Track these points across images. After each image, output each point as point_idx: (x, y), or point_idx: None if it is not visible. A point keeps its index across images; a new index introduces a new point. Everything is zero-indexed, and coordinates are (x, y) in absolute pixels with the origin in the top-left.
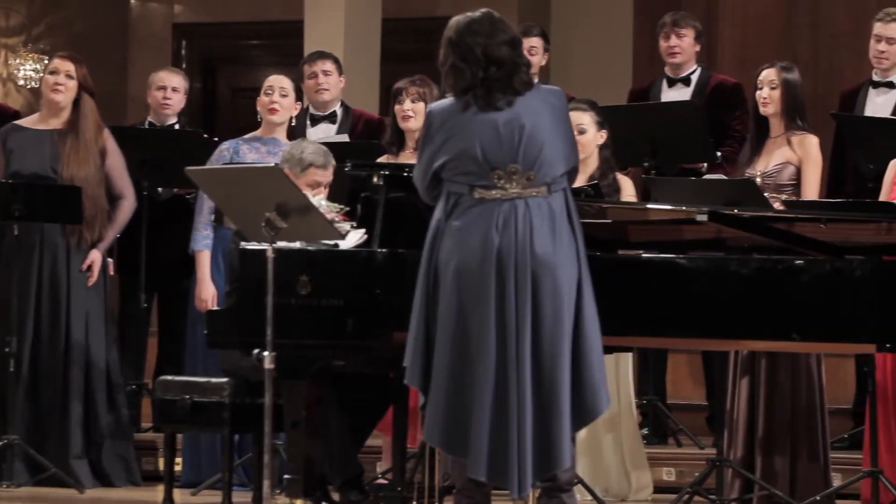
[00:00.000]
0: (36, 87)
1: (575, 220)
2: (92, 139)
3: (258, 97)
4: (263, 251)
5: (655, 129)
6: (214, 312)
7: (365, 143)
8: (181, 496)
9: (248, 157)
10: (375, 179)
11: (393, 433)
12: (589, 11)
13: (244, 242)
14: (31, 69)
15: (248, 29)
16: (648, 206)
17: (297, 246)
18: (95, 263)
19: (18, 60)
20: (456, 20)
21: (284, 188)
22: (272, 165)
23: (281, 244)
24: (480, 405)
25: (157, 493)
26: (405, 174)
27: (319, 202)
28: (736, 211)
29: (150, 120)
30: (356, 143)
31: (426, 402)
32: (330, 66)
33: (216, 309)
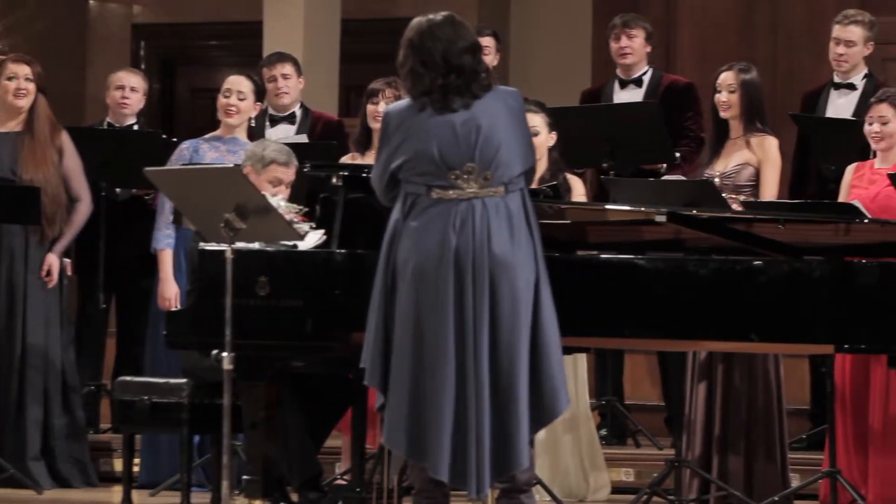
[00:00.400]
0: None
1: (532, 220)
2: (48, 138)
3: (218, 97)
4: (222, 252)
5: (614, 129)
6: (174, 313)
7: (324, 144)
8: (139, 497)
9: (208, 155)
10: (334, 180)
11: (352, 434)
12: (548, 12)
13: (203, 243)
14: None
15: (206, 29)
16: (607, 206)
17: (255, 247)
18: (53, 267)
19: None
20: (417, 22)
21: (243, 189)
22: (231, 166)
23: (240, 245)
24: (440, 406)
25: (114, 493)
26: (364, 175)
27: (278, 203)
28: (695, 212)
29: (108, 120)
30: (315, 143)
31: (385, 403)
32: (289, 69)
33: (175, 309)
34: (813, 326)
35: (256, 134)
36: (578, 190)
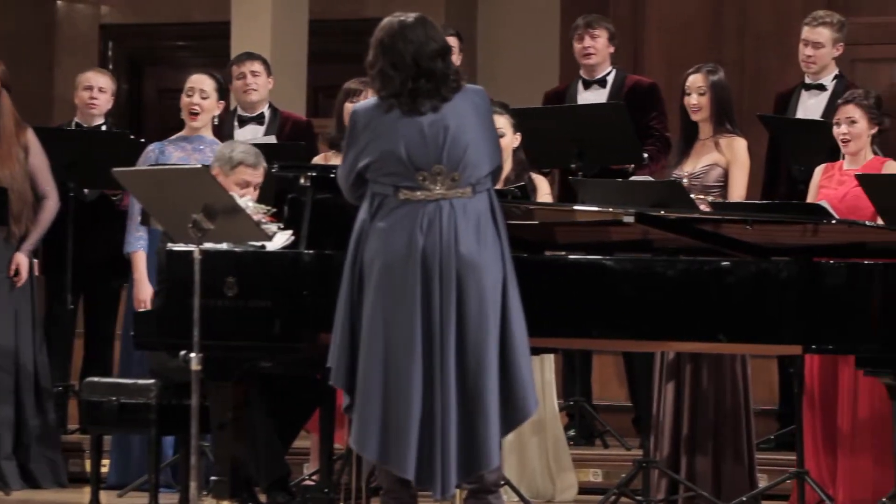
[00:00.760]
0: None
1: (500, 220)
2: (13, 135)
3: (181, 97)
4: (190, 252)
5: (582, 130)
6: (142, 314)
7: (292, 144)
8: (108, 498)
9: (174, 156)
10: (302, 181)
11: (320, 434)
12: (516, 11)
13: (171, 243)
14: None
15: (174, 30)
16: (575, 207)
17: (223, 247)
18: (22, 266)
19: None
20: (389, 22)
21: (211, 189)
22: (199, 167)
23: (208, 245)
24: (408, 406)
25: (83, 494)
26: (332, 175)
27: (246, 203)
28: (663, 212)
29: (76, 121)
30: (283, 144)
31: (352, 404)
32: (259, 67)
33: (143, 310)
34: (781, 327)
35: (224, 135)
36: (544, 189)
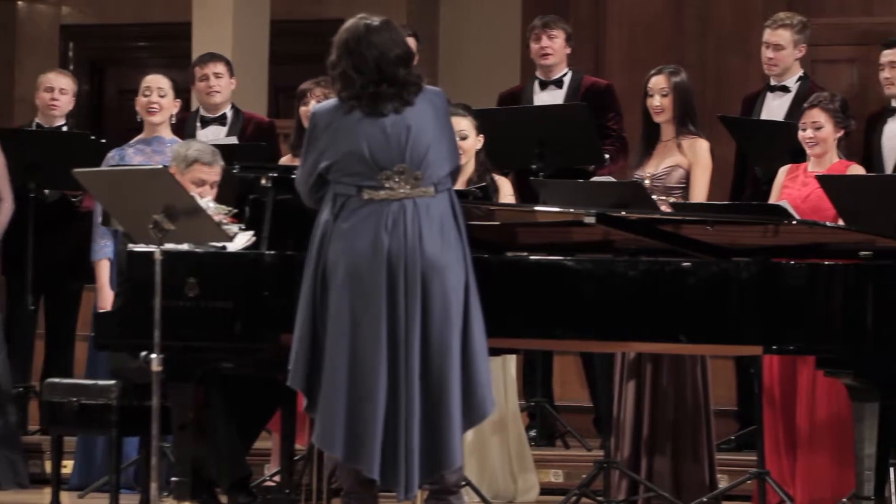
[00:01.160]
0: None
1: (460, 220)
2: None
3: (137, 98)
4: (151, 253)
5: (544, 131)
6: (102, 315)
7: (253, 145)
8: (69, 499)
9: (134, 160)
10: (263, 182)
11: (281, 435)
12: (477, 13)
13: (131, 244)
14: None
15: (135, 31)
16: (537, 208)
17: (184, 248)
18: None
19: None
20: (354, 24)
21: (171, 190)
22: (159, 167)
23: (169, 246)
24: (374, 407)
25: (44, 495)
26: (293, 176)
27: (207, 204)
28: (624, 213)
29: (37, 121)
30: (245, 145)
31: (312, 404)
32: (221, 68)
33: (104, 311)
34: (741, 327)
35: (187, 136)
36: (506, 190)
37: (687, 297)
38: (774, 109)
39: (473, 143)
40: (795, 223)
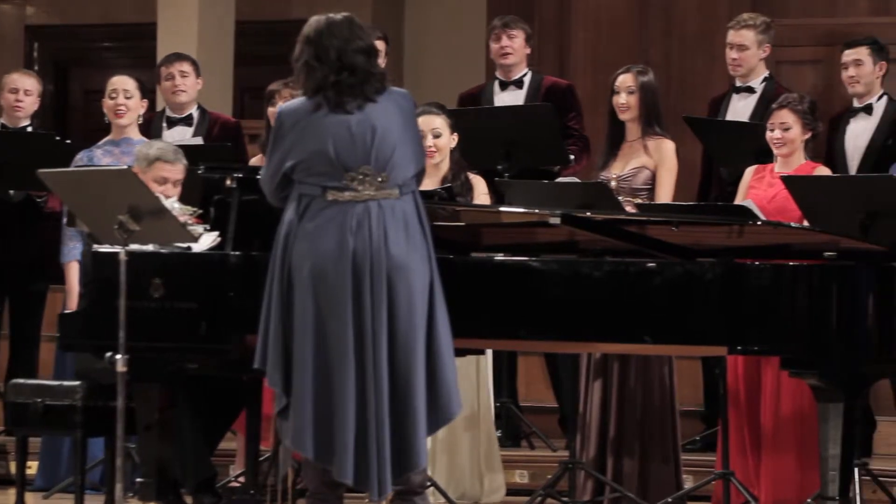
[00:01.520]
0: None
1: (425, 221)
2: None
3: (103, 101)
4: (116, 254)
5: (511, 131)
6: (67, 315)
7: (219, 145)
8: (33, 500)
9: (103, 161)
10: (228, 182)
11: (246, 436)
12: (442, 14)
13: (96, 245)
14: None
15: (100, 31)
16: (502, 208)
17: (149, 249)
18: None
19: None
20: (316, 19)
21: (136, 190)
22: (124, 167)
23: (134, 247)
24: (344, 408)
25: (8, 496)
26: (258, 177)
27: (172, 205)
28: (589, 214)
29: (2, 122)
30: (210, 145)
31: (287, 405)
32: (187, 67)
33: (69, 312)
34: (706, 328)
35: (153, 136)
36: (481, 189)
37: (652, 297)
38: (740, 110)
39: (448, 141)
40: (760, 224)
